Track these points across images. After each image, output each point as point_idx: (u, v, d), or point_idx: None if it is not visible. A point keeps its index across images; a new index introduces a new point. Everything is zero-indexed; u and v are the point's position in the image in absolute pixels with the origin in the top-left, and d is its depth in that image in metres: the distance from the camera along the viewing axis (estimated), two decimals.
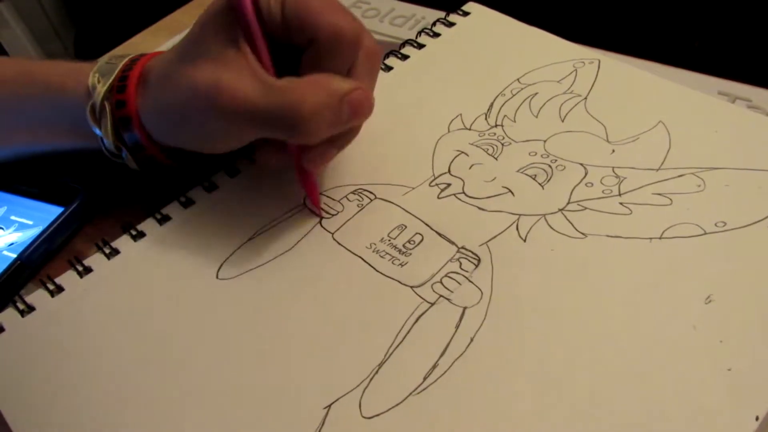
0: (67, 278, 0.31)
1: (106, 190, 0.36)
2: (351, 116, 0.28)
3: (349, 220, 0.31)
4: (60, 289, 0.30)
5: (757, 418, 0.22)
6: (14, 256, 0.33)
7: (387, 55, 0.40)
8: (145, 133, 0.31)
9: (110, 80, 0.31)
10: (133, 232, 0.32)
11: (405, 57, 0.40)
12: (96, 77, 0.31)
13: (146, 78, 0.31)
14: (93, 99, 0.31)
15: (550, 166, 0.32)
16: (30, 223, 0.35)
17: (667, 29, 0.59)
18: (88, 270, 0.31)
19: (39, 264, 0.33)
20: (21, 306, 0.30)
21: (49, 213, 0.35)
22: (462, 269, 0.28)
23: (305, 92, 0.27)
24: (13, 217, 0.35)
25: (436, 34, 0.41)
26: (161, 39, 0.46)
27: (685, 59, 0.37)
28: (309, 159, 0.30)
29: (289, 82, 0.27)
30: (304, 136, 0.28)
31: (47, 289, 0.30)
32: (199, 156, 0.31)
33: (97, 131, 0.31)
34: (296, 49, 0.29)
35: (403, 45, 0.40)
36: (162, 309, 0.29)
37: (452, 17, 0.42)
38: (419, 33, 0.41)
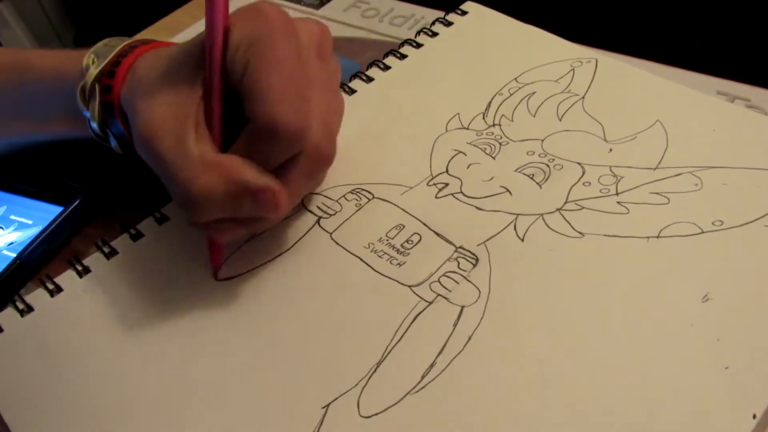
0: (67, 278, 0.31)
1: (105, 190, 0.36)
2: (253, 210, 0.26)
3: (347, 219, 0.31)
4: (59, 288, 0.30)
5: (754, 416, 0.22)
6: (14, 255, 0.33)
7: (386, 55, 0.40)
8: (125, 121, 0.30)
9: (104, 63, 0.30)
10: (133, 232, 0.32)
11: (403, 56, 0.40)
12: (91, 58, 0.31)
13: (135, 70, 0.30)
14: (84, 80, 0.30)
15: (547, 166, 0.32)
16: (29, 222, 0.35)
17: (667, 29, 0.59)
18: (87, 270, 0.31)
19: (38, 263, 0.33)
20: (20, 306, 0.30)
21: (48, 212, 0.35)
22: (460, 269, 0.28)
23: (206, 170, 0.25)
24: (12, 217, 0.35)
25: (434, 34, 0.41)
26: (161, 39, 0.46)
27: (684, 59, 0.37)
28: (214, 229, 0.27)
29: (203, 154, 0.26)
30: (189, 211, 0.26)
31: (46, 288, 0.30)
32: None
33: (86, 113, 0.31)
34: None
35: (401, 45, 0.40)
36: (160, 309, 0.29)
37: (450, 17, 0.42)
38: (417, 33, 0.41)
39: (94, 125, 0.31)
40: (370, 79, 0.38)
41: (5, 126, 0.34)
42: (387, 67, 0.39)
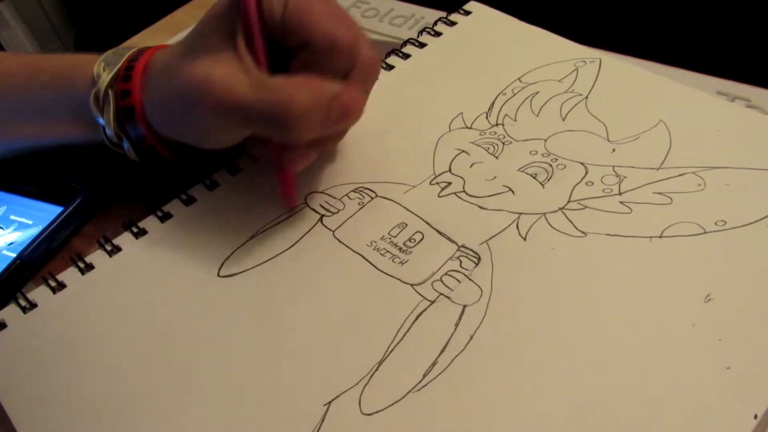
0: (69, 275, 0.31)
1: (106, 189, 0.36)
2: (339, 118, 0.28)
3: (349, 218, 0.31)
4: (62, 285, 0.30)
5: (755, 416, 0.22)
6: (14, 255, 0.33)
7: (388, 54, 0.40)
8: (147, 124, 0.31)
9: (115, 69, 0.31)
10: (135, 230, 0.32)
11: (406, 56, 0.40)
12: (101, 66, 0.31)
13: (151, 69, 0.31)
14: (97, 86, 0.31)
15: (550, 165, 0.32)
16: (29, 222, 0.35)
17: (667, 29, 0.59)
18: (89, 267, 0.31)
19: (38, 263, 0.33)
20: (23, 303, 0.30)
21: (48, 212, 0.35)
22: (462, 267, 0.28)
23: (296, 90, 0.27)
24: (12, 217, 0.35)
25: (438, 33, 0.41)
26: (161, 39, 0.46)
27: (684, 59, 0.37)
28: (290, 159, 0.30)
29: (282, 80, 0.28)
30: (292, 134, 0.28)
31: (49, 285, 0.30)
32: (198, 151, 0.32)
33: (100, 120, 0.31)
34: (290, 50, 0.29)
35: (404, 44, 0.40)
36: (163, 306, 0.29)
37: (453, 16, 0.42)
38: (420, 32, 0.41)
39: (109, 132, 0.32)
40: None
41: (14, 130, 0.35)
42: (390, 67, 0.39)
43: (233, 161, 0.35)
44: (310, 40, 0.28)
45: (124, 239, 0.32)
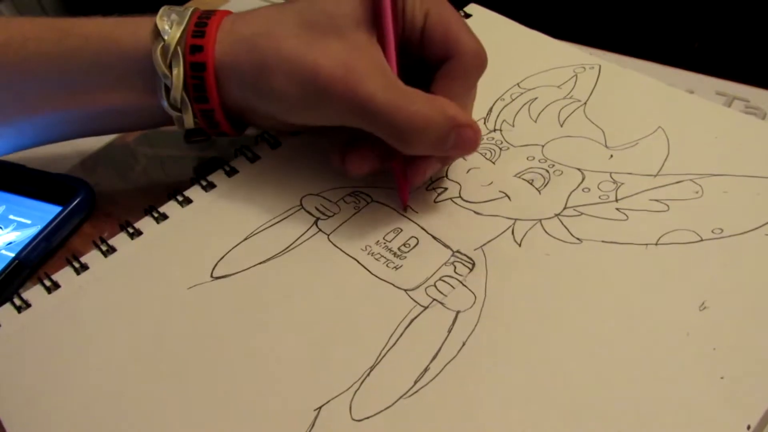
0: (64, 275, 0.31)
1: (105, 189, 0.36)
2: (454, 147, 0.28)
3: (345, 221, 0.31)
4: (56, 285, 0.31)
5: (748, 427, 0.22)
6: (12, 255, 0.33)
7: None
8: (215, 82, 0.29)
9: (185, 23, 0.29)
10: (131, 230, 0.32)
11: None
12: (165, 21, 0.29)
13: (235, 29, 0.29)
14: (166, 42, 0.29)
15: (547, 171, 0.32)
16: (28, 222, 0.35)
17: (667, 29, 0.59)
18: (84, 267, 0.31)
19: (37, 263, 0.33)
20: (17, 302, 0.30)
21: (47, 212, 0.35)
22: (456, 273, 0.28)
23: (424, 104, 0.27)
24: (11, 216, 0.35)
25: None
26: None
27: (684, 59, 0.37)
28: (415, 173, 0.30)
29: (415, 90, 0.28)
30: (404, 144, 0.28)
31: (44, 285, 0.30)
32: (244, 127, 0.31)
33: (165, 79, 0.29)
34: (419, 63, 0.29)
35: None
36: (156, 306, 0.29)
37: None
38: None
39: (173, 94, 0.29)
40: None
41: (40, 103, 0.31)
42: None
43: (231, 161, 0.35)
44: (457, 51, 0.28)
45: (120, 240, 0.32)
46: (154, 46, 0.29)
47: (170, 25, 0.29)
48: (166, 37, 0.29)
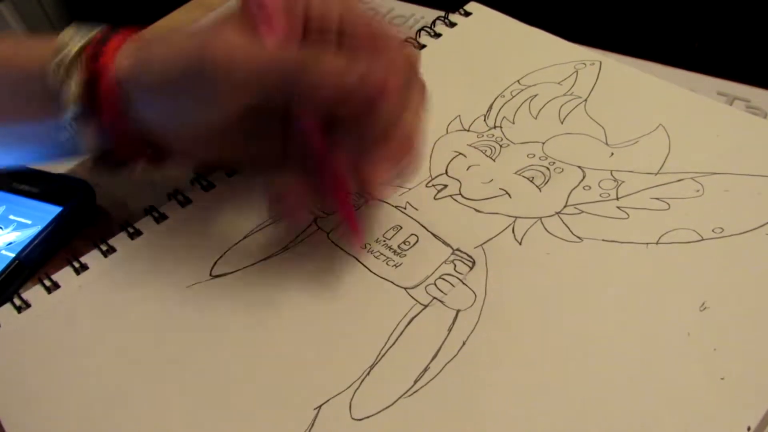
0: (64, 275, 0.31)
1: (105, 189, 0.36)
2: (359, 81, 0.25)
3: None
4: (56, 285, 0.31)
5: (749, 428, 0.22)
6: (13, 255, 0.33)
7: None
8: (116, 96, 0.28)
9: (89, 37, 0.28)
10: (131, 230, 0.32)
11: None
12: (68, 35, 0.28)
13: (136, 40, 0.28)
14: (64, 54, 0.28)
15: (548, 169, 0.32)
16: (29, 222, 0.35)
17: (667, 29, 0.59)
18: (84, 267, 0.31)
19: (37, 263, 0.33)
20: (17, 302, 0.30)
21: (47, 212, 0.35)
22: (456, 271, 0.28)
23: (318, 51, 0.25)
24: (11, 217, 0.35)
25: (438, 34, 0.41)
26: None
27: (684, 59, 0.37)
28: (366, 173, 0.26)
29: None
30: (310, 90, 0.25)
31: (43, 285, 0.31)
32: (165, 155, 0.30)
33: (60, 93, 0.28)
34: None
35: None
36: (156, 306, 0.29)
37: (454, 17, 0.41)
38: (419, 31, 0.41)
39: (70, 108, 0.28)
40: None
41: None
42: None
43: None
44: (382, 48, 0.27)
45: (120, 240, 0.32)
46: (53, 59, 0.28)
47: (71, 38, 0.28)
48: (64, 50, 0.28)
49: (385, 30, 0.27)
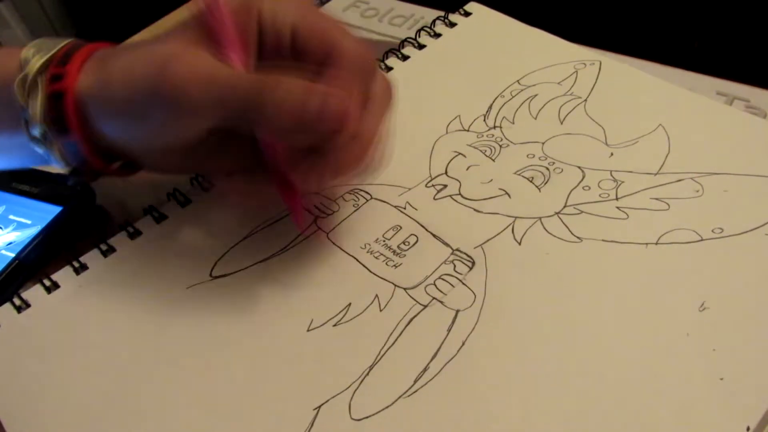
0: (64, 275, 0.31)
1: (105, 189, 0.36)
2: (317, 116, 0.25)
3: (344, 220, 0.31)
4: (56, 285, 0.31)
5: (748, 429, 0.22)
6: (12, 255, 0.33)
7: (387, 54, 0.40)
8: (78, 113, 0.27)
9: (50, 54, 0.28)
10: (131, 230, 0.32)
11: (405, 57, 0.39)
12: (31, 51, 0.28)
13: (98, 58, 0.28)
14: (25, 71, 0.27)
15: (547, 169, 0.32)
16: (29, 222, 0.35)
17: (667, 29, 0.59)
18: (84, 267, 0.31)
19: (37, 264, 0.33)
20: (17, 302, 0.30)
21: (47, 212, 0.35)
22: (456, 272, 0.28)
23: (278, 76, 0.25)
24: (11, 217, 0.35)
25: (437, 35, 0.41)
26: None
27: (684, 59, 0.37)
28: (298, 170, 0.27)
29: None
30: (268, 119, 0.25)
31: (43, 285, 0.31)
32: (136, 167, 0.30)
33: (23, 111, 0.28)
34: None
35: (402, 44, 0.40)
36: (155, 306, 0.29)
37: (453, 17, 0.41)
38: (418, 32, 0.41)
39: (35, 127, 0.28)
40: None
41: None
42: (389, 68, 0.39)
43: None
44: (337, 55, 0.26)
45: (120, 240, 0.32)
46: (17, 76, 0.28)
47: (34, 55, 0.28)
48: (26, 68, 0.28)
49: (339, 37, 0.27)
